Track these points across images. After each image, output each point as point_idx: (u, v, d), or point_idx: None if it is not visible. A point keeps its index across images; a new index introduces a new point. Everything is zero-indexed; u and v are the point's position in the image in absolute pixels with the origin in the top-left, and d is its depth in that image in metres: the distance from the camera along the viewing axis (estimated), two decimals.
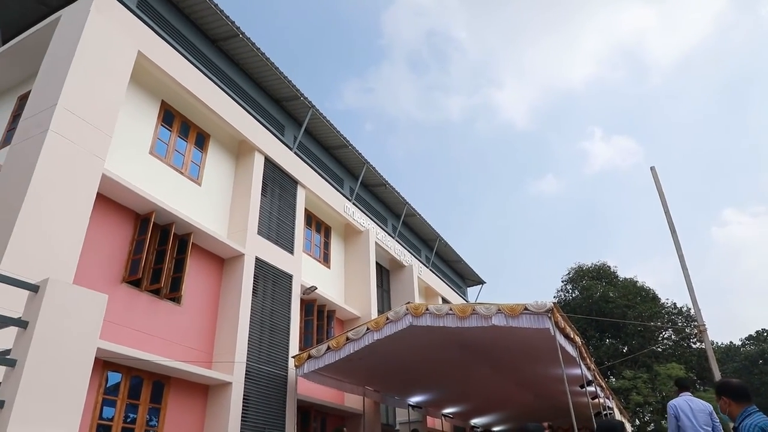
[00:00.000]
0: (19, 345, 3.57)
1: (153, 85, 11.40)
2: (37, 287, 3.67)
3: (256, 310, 12.06)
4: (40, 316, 3.55)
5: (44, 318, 3.56)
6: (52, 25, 10.19)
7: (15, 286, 3.67)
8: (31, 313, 3.63)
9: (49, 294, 3.65)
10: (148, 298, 10.17)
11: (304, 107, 15.96)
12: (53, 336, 3.62)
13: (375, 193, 21.11)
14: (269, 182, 13.75)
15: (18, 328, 3.64)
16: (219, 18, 13.01)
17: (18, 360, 3.50)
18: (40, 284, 3.67)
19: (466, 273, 29.45)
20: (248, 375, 11.29)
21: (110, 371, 9.27)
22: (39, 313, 3.55)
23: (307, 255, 15.39)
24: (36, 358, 3.49)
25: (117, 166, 9.84)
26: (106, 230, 9.69)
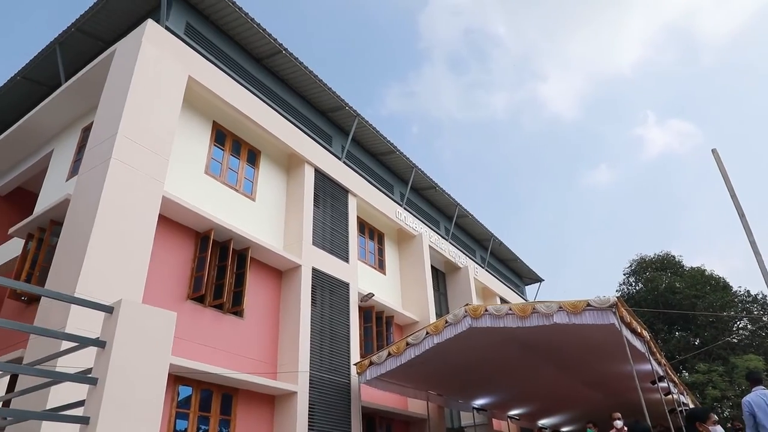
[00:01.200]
0: (99, 364, 3.75)
1: (204, 108, 11.80)
2: (111, 308, 3.85)
3: (315, 320, 12.25)
4: (116, 335, 3.72)
5: (120, 337, 3.73)
6: (108, 59, 10.73)
7: (92, 308, 3.87)
8: (108, 333, 3.81)
9: (123, 314, 3.82)
10: (213, 314, 10.50)
11: (350, 116, 16.13)
12: (129, 354, 3.79)
13: (425, 197, 21.06)
14: (320, 193, 13.96)
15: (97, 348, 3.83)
16: (262, 37, 13.35)
17: (99, 378, 3.67)
18: (114, 305, 3.85)
19: (523, 271, 28.93)
20: (312, 384, 11.46)
21: (181, 385, 9.62)
22: (115, 332, 3.73)
23: (362, 262, 15.51)
24: (115, 376, 3.65)
25: (175, 187, 10.24)
26: (169, 250, 10.09)
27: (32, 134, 12.80)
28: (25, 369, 4.72)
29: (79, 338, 3.98)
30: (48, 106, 12.03)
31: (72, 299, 4.18)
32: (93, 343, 3.86)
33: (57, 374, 4.01)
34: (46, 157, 12.46)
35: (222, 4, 12.47)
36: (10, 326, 3.93)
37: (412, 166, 18.76)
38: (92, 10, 12.45)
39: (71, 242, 8.40)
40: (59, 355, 4.43)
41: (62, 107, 11.96)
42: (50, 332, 4.47)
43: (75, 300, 4.10)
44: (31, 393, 4.74)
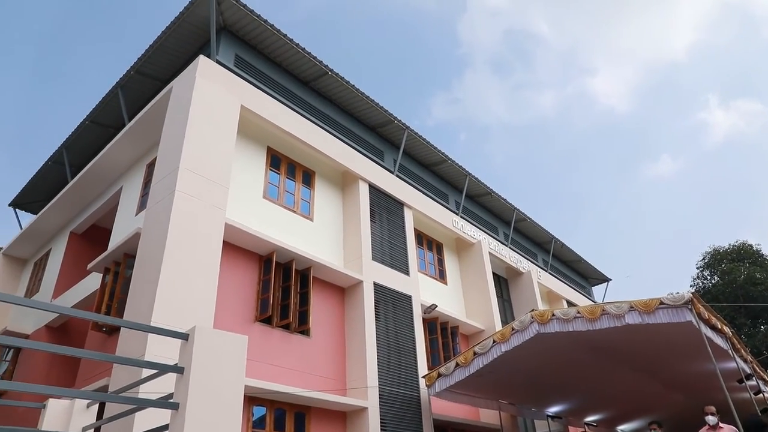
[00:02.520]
0: (179, 389, 3.91)
1: (258, 134, 12.19)
2: (186, 335, 4.02)
3: (381, 334, 12.30)
4: (193, 361, 3.87)
5: (197, 363, 3.88)
6: (166, 97, 11.27)
7: (168, 336, 4.05)
8: (185, 359, 3.97)
9: (198, 340, 3.98)
10: (280, 334, 10.73)
11: (399, 130, 16.24)
12: (206, 378, 3.93)
13: (481, 203, 20.85)
14: (376, 208, 14.08)
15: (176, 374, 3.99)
16: (308, 60, 13.68)
17: (180, 403, 3.83)
18: (189, 332, 4.02)
19: (589, 272, 28.05)
20: (382, 399, 11.48)
21: (255, 405, 9.86)
22: (192, 358, 3.88)
23: (423, 274, 15.48)
24: (195, 400, 3.80)
25: (237, 213, 10.58)
26: (235, 274, 10.42)
27: (102, 174, 13.56)
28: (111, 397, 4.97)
29: (159, 365, 4.17)
30: (114, 147, 12.74)
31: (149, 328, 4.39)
32: (172, 370, 4.03)
33: (141, 401, 4.20)
34: (116, 195, 13.16)
35: (267, 33, 12.89)
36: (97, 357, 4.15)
37: (465, 174, 18.64)
38: (148, 52, 13.14)
39: (144, 273, 8.82)
40: (142, 383, 4.64)
41: (127, 146, 12.63)
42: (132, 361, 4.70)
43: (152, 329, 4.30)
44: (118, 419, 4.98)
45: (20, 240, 16.61)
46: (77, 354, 3.84)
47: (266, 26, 12.62)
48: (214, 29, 11.82)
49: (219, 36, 12.54)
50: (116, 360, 4.11)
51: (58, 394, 4.79)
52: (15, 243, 16.80)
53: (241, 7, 12.12)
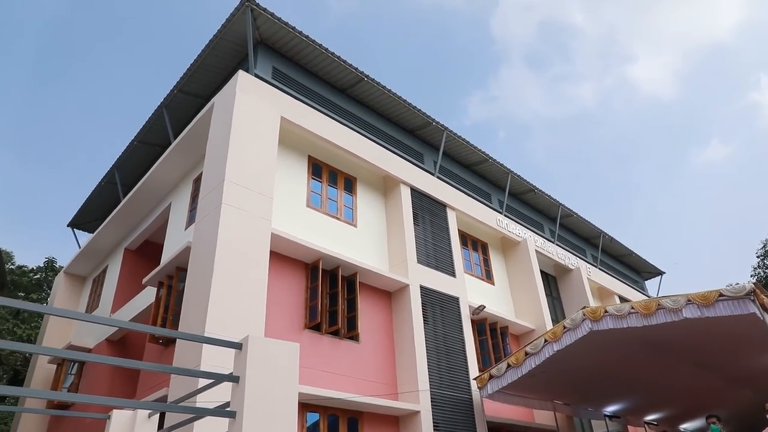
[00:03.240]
0: (236, 397, 4.00)
1: (298, 144, 12.37)
2: (240, 345, 4.11)
3: (429, 337, 12.25)
4: (247, 369, 3.96)
5: (251, 371, 3.96)
6: (209, 113, 11.59)
7: (223, 346, 4.15)
8: (240, 368, 4.06)
9: (251, 349, 4.06)
10: (330, 340, 10.83)
11: (438, 131, 16.18)
12: (261, 386, 4.01)
13: (525, 201, 20.54)
14: (419, 211, 14.07)
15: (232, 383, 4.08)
16: (344, 68, 13.81)
17: (237, 411, 3.91)
18: (243, 341, 4.11)
19: (640, 265, 27.19)
20: (434, 402, 11.42)
21: (309, 412, 9.97)
22: (246, 367, 3.96)
23: (469, 275, 15.34)
24: (251, 408, 3.87)
25: (282, 223, 10.77)
26: (283, 283, 10.59)
27: (152, 191, 14.04)
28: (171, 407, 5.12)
29: (215, 375, 4.28)
30: (162, 164, 13.17)
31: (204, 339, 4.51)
32: (227, 379, 4.13)
33: (199, 410, 4.32)
34: (166, 210, 13.60)
35: (302, 44, 13.09)
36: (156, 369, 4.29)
37: (507, 172, 18.41)
38: (190, 71, 13.55)
39: (196, 286, 9.06)
40: (199, 392, 4.77)
41: (174, 163, 13.03)
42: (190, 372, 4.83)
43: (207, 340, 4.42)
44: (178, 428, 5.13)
45: (79, 258, 17.35)
46: (138, 366, 3.98)
47: (301, 37, 12.81)
48: (251, 44, 12.08)
49: (256, 50, 12.81)
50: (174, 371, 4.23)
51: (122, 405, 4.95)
52: (74, 261, 17.56)
53: (276, 21, 12.35)
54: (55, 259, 27.92)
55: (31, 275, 27.75)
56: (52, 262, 27.81)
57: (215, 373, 4.26)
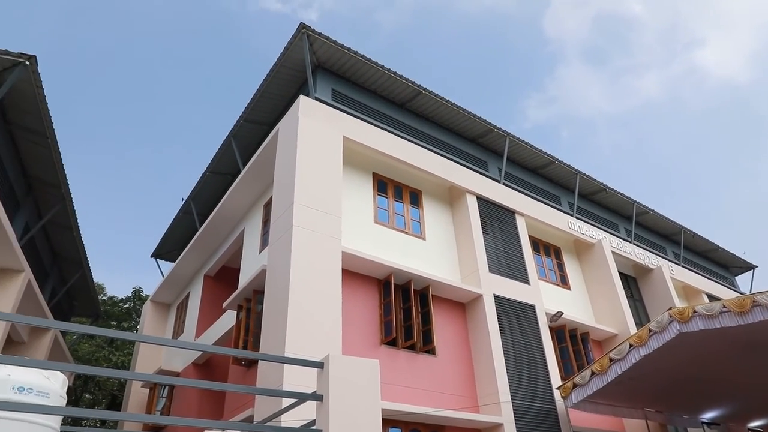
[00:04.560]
0: (320, 416, 4.07)
1: (362, 162, 12.55)
2: (321, 363, 4.18)
3: (507, 347, 12.00)
4: (330, 388, 4.02)
5: (334, 389, 4.03)
6: (274, 139, 12.00)
7: (305, 366, 4.25)
8: (322, 387, 4.14)
9: (332, 368, 4.13)
10: (407, 355, 10.83)
11: (500, 137, 15.98)
12: (344, 403, 4.06)
13: (597, 201, 19.83)
14: (487, 219, 13.89)
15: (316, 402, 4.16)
16: (401, 83, 13.93)
17: (322, 429, 3.98)
18: (324, 360, 4.18)
19: (728, 260, 25.51)
20: (516, 413, 11.14)
21: (390, 427, 9.97)
22: (329, 385, 4.03)
23: (544, 281, 14.95)
24: (336, 426, 3.93)
25: (351, 241, 10.92)
26: (356, 300, 10.71)
27: (226, 219, 14.64)
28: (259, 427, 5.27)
29: (299, 394, 4.38)
30: (234, 192, 13.71)
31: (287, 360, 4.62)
32: (311, 398, 4.21)
33: (286, 429, 4.42)
34: (240, 236, 14.12)
35: (359, 64, 13.33)
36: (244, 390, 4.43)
37: (575, 173, 17.87)
38: (253, 100, 14.09)
39: (274, 307, 9.33)
40: (284, 411, 4.88)
41: (245, 190, 13.54)
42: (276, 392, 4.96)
43: (289, 360, 4.53)
44: None
45: (163, 287, 18.29)
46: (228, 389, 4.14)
47: (357, 57, 13.06)
48: (309, 69, 12.43)
49: (315, 74, 13.16)
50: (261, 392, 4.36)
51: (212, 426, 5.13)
52: (159, 290, 18.52)
53: (332, 44, 12.65)
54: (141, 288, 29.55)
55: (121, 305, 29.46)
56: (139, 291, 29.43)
57: (299, 393, 4.36)
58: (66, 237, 17.42)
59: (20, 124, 12.81)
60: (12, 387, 4.36)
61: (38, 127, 12.74)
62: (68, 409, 3.67)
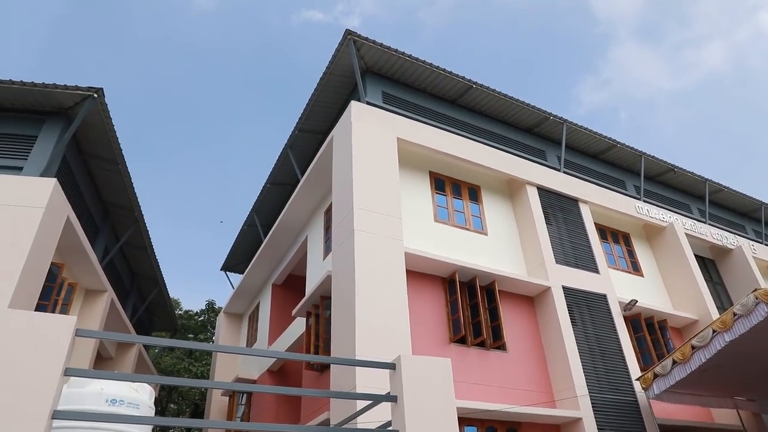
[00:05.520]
0: (396, 416, 4.10)
1: (418, 161, 12.56)
2: (393, 364, 4.21)
3: (580, 339, 11.66)
4: (404, 388, 4.04)
5: (408, 389, 4.05)
6: (329, 146, 12.19)
7: (377, 368, 4.29)
8: (396, 388, 4.16)
9: (405, 368, 4.15)
10: (477, 352, 10.72)
11: (556, 125, 15.58)
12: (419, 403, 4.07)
13: (665, 182, 18.97)
14: (549, 209, 13.57)
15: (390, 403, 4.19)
16: (450, 79, 13.84)
17: (399, 430, 4.00)
18: (395, 361, 4.21)
19: None
20: (595, 407, 10.80)
21: (466, 426, 9.90)
22: (402, 386, 4.05)
23: (614, 269, 14.43)
24: (412, 426, 3.95)
25: (413, 241, 10.93)
26: (423, 300, 10.71)
27: (289, 228, 15.00)
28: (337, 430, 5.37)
29: (374, 396, 4.43)
30: (294, 202, 14.03)
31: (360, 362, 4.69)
32: (386, 399, 4.25)
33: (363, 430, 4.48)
34: (304, 244, 14.42)
35: (407, 64, 13.34)
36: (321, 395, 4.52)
37: (639, 154, 17.17)
38: (306, 111, 14.38)
39: (341, 312, 9.47)
40: (360, 413, 4.94)
41: (305, 199, 13.84)
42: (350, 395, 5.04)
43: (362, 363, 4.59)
44: None
45: (234, 298, 18.94)
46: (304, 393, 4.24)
47: (404, 58, 13.08)
48: (358, 74, 12.56)
49: (364, 79, 13.29)
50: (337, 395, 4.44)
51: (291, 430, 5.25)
52: (231, 302, 19.19)
53: (378, 47, 12.73)
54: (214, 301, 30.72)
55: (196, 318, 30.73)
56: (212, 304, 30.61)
57: (374, 395, 4.41)
58: (142, 257, 18.36)
59: (93, 154, 13.61)
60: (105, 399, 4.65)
61: (109, 155, 13.50)
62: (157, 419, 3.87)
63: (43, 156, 11.45)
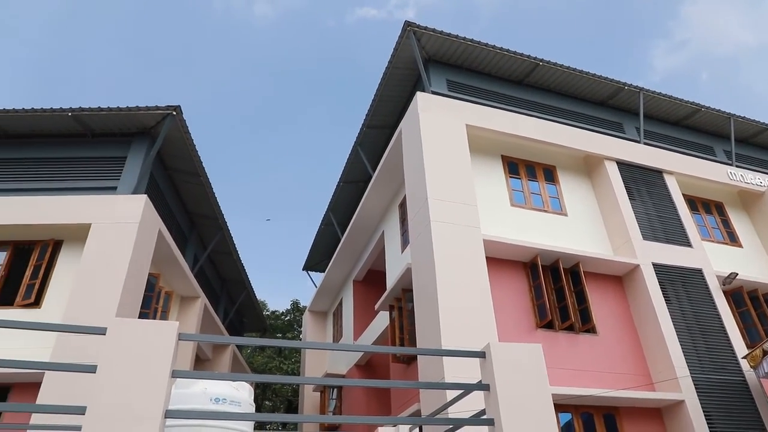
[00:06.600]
0: (490, 405, 4.06)
1: (489, 146, 12.35)
2: (483, 353, 4.18)
3: (676, 318, 11.07)
4: (495, 376, 4.00)
5: (499, 377, 4.00)
6: (398, 140, 12.22)
7: (467, 356, 4.26)
8: (487, 376, 4.13)
9: (495, 355, 4.10)
10: (566, 336, 10.43)
11: (632, 94, 14.82)
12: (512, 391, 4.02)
13: (759, 144, 17.58)
14: (631, 184, 12.95)
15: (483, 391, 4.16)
16: (515, 59, 13.49)
17: (494, 418, 3.97)
18: (485, 349, 4.18)
19: None
20: (699, 388, 10.22)
21: (560, 412, 9.67)
22: (494, 374, 4.01)
23: (708, 242, 13.57)
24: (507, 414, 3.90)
25: (491, 227, 10.78)
26: (505, 287, 10.54)
27: (365, 224, 15.21)
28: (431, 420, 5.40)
29: (465, 385, 4.41)
30: (368, 198, 14.20)
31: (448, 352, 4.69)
32: (478, 388, 4.22)
33: (458, 420, 4.48)
34: (381, 239, 14.58)
35: (469, 49, 13.13)
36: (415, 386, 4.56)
37: (728, 117, 16.01)
38: (372, 107, 14.49)
39: (424, 303, 9.50)
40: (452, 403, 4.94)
41: (378, 194, 13.97)
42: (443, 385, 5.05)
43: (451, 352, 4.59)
44: None
45: (318, 297, 19.46)
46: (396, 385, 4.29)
47: (466, 43, 12.87)
48: (421, 64, 12.50)
49: (427, 68, 13.21)
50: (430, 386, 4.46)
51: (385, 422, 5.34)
52: (315, 300, 19.74)
53: (439, 35, 12.60)
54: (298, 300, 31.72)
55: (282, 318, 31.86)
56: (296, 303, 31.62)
57: (465, 384, 4.39)
58: (228, 262, 19.24)
59: (176, 168, 14.39)
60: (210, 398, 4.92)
61: (191, 168, 14.23)
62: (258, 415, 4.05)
63: (133, 174, 12.23)
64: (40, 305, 10.66)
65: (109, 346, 3.48)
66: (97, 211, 11.01)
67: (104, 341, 3.51)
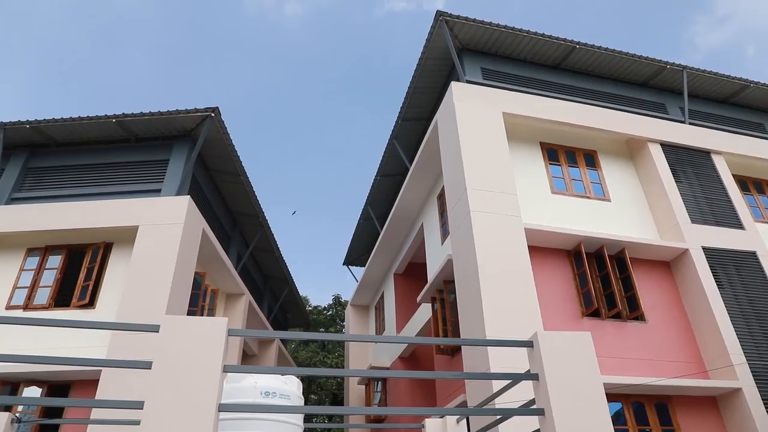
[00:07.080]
0: (539, 395, 4.02)
1: (526, 134, 12.14)
2: (531, 342, 4.14)
3: (730, 303, 10.68)
4: (544, 366, 3.95)
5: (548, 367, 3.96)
6: (435, 131, 12.15)
7: (514, 346, 4.23)
8: (536, 366, 4.08)
9: (543, 345, 4.06)
10: (613, 324, 10.21)
11: (675, 73, 14.31)
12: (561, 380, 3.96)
13: None
14: (677, 166, 12.54)
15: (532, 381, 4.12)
16: (551, 43, 13.20)
17: (544, 408, 3.93)
18: (532, 339, 4.13)
19: None
20: (756, 376, 9.84)
21: (610, 402, 9.47)
22: (542, 363, 3.96)
23: (763, 223, 13.01)
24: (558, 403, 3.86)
25: (532, 216, 10.63)
26: (548, 275, 10.38)
27: (403, 217, 15.20)
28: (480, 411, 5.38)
29: (513, 375, 4.37)
30: (406, 191, 14.18)
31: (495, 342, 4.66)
32: (526, 377, 4.18)
33: (508, 411, 4.44)
34: (420, 231, 14.55)
35: (503, 36, 12.92)
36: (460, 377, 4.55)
37: None
38: (407, 99, 14.44)
39: (467, 294, 9.44)
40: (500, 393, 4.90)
41: (416, 186, 13.93)
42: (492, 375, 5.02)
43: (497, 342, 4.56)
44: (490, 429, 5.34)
45: (359, 291, 19.58)
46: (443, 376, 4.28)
47: (500, 29, 12.67)
48: (455, 54, 12.37)
49: (461, 58, 13.07)
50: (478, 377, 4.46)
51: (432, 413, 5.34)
52: (356, 294, 19.87)
53: (472, 23, 12.44)
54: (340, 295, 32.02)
55: (325, 312, 32.22)
56: (338, 298, 31.93)
57: (514, 374, 4.36)
58: (271, 259, 19.56)
59: (217, 169, 14.69)
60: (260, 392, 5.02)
61: (231, 168, 14.50)
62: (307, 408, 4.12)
63: (176, 176, 12.55)
64: (94, 306, 11.07)
65: (162, 343, 3.59)
66: (143, 214, 11.35)
67: (158, 338, 3.63)
